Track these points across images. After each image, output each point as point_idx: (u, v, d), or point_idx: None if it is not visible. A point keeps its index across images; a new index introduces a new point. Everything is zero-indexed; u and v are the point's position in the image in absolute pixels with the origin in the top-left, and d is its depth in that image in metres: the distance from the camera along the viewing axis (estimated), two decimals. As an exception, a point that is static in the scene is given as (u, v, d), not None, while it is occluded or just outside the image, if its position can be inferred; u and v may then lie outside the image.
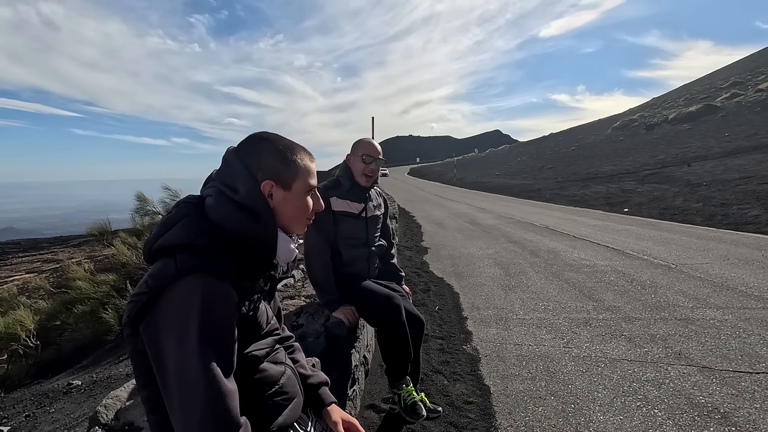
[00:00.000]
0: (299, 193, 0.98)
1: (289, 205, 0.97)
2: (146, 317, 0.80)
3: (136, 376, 0.88)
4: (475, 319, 3.83)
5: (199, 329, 0.77)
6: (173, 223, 0.87)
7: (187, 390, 0.75)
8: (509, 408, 2.36)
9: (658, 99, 53.75)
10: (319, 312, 2.30)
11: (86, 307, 6.36)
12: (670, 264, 5.38)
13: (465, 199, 18.76)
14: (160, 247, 0.85)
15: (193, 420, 0.74)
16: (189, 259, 0.81)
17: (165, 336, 0.77)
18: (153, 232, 0.89)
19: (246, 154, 0.95)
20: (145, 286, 0.81)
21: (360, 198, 2.26)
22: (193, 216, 0.88)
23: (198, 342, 0.76)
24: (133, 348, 0.84)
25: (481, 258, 6.44)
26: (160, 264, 0.83)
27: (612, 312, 3.80)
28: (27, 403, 3.78)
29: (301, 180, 0.98)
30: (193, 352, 0.76)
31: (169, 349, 0.77)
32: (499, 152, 66.82)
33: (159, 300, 0.79)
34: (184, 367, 0.76)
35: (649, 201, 12.37)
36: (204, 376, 0.75)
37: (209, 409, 0.74)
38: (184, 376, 0.75)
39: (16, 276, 14.15)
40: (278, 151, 0.96)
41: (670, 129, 29.97)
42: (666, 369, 2.70)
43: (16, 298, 7.54)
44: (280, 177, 0.95)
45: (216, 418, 0.75)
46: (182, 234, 0.85)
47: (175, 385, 0.76)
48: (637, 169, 19.30)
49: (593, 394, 2.45)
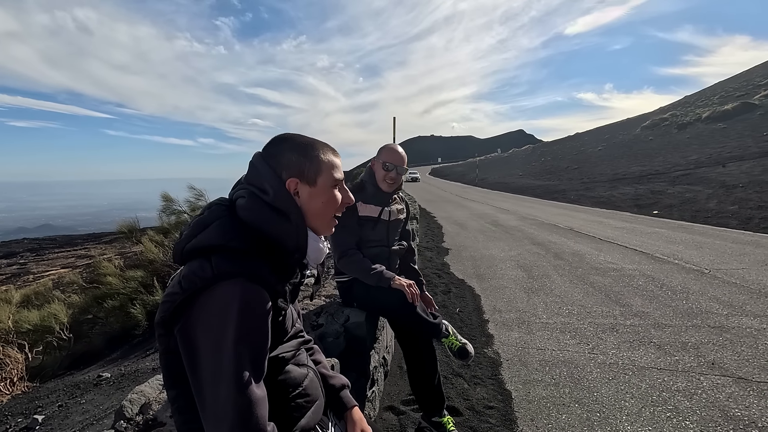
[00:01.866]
0: (325, 187, 0.98)
1: (316, 200, 0.97)
2: (181, 319, 0.80)
3: (166, 376, 0.88)
4: (496, 322, 3.77)
5: (235, 335, 0.77)
6: (207, 224, 0.87)
7: (219, 394, 0.76)
8: (531, 414, 2.31)
9: (690, 97, 51.70)
10: (338, 312, 2.30)
11: (116, 302, 6.58)
12: (703, 269, 5.16)
13: (487, 200, 18.53)
14: (194, 249, 0.85)
15: (223, 425, 0.75)
16: (225, 263, 0.81)
17: (201, 339, 0.78)
18: (184, 233, 0.90)
19: (270, 155, 0.96)
20: (178, 287, 0.81)
21: (382, 202, 2.27)
22: (227, 218, 0.89)
23: (233, 347, 0.77)
24: (166, 348, 0.85)
25: (503, 260, 6.33)
26: (194, 265, 0.83)
27: (640, 318, 3.67)
28: (60, 394, 3.93)
29: (326, 174, 0.98)
30: (227, 357, 0.76)
31: (204, 352, 0.78)
32: (523, 152, 65.70)
33: (195, 302, 0.80)
34: (218, 371, 0.77)
35: (681, 203, 11.91)
36: (237, 382, 0.76)
37: (240, 415, 0.76)
38: (217, 381, 0.76)
39: (52, 271, 14.81)
40: (299, 148, 0.97)
41: (703, 128, 28.80)
42: (698, 379, 2.59)
43: (51, 292, 7.89)
44: (304, 173, 0.96)
45: (246, 426, 0.76)
46: (217, 235, 0.85)
47: (208, 388, 0.77)
48: (668, 170, 18.63)
49: (620, 402, 2.36)
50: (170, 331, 0.83)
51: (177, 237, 0.95)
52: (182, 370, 0.82)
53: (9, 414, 3.70)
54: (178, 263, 0.91)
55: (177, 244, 0.90)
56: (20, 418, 3.51)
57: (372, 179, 2.26)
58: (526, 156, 56.37)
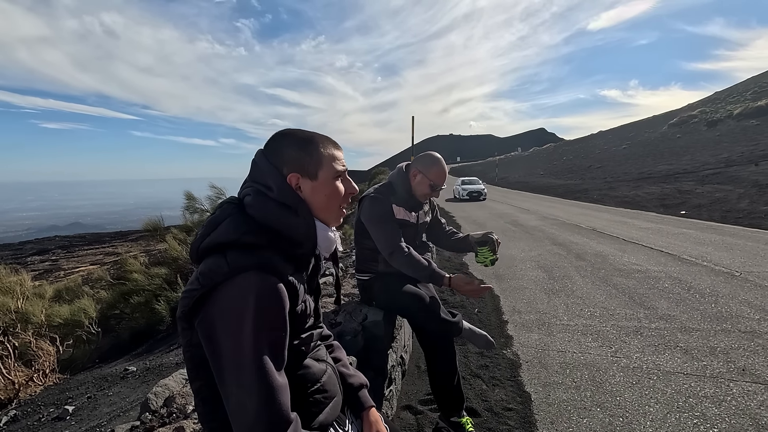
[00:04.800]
0: (327, 180, 0.99)
1: (318, 193, 0.98)
2: (200, 312, 0.83)
3: (189, 368, 0.91)
4: (515, 323, 3.72)
5: (254, 325, 0.79)
6: (219, 222, 0.90)
7: (241, 383, 0.78)
8: (551, 417, 2.27)
9: (721, 93, 49.78)
10: (357, 310, 2.31)
11: (141, 298, 6.79)
12: (734, 271, 4.97)
13: (507, 200, 18.31)
14: (209, 246, 0.88)
15: (247, 413, 0.77)
16: (240, 257, 0.83)
17: (220, 331, 0.80)
18: (199, 232, 0.92)
19: (271, 152, 0.97)
20: (197, 282, 0.83)
21: (414, 208, 2.28)
22: (237, 215, 0.91)
23: (252, 337, 0.79)
24: (188, 341, 0.88)
25: (523, 260, 6.24)
26: (210, 261, 0.85)
27: (666, 321, 3.56)
28: (89, 386, 4.09)
29: (326, 167, 0.99)
30: (247, 346, 0.79)
31: (225, 343, 0.80)
32: (544, 151, 64.53)
33: (212, 296, 0.82)
34: (239, 361, 0.79)
35: (710, 203, 11.49)
36: (258, 371, 0.78)
37: (262, 403, 0.78)
38: (238, 370, 0.78)
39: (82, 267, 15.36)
40: (298, 142, 0.97)
41: (735, 125, 27.70)
42: (728, 385, 2.49)
43: (81, 287, 8.18)
44: (304, 167, 0.96)
45: (269, 412, 0.78)
46: (230, 231, 0.87)
47: (229, 378, 0.79)
48: (697, 169, 18.00)
49: (644, 408, 2.30)
50: (192, 325, 0.85)
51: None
52: (205, 362, 0.84)
53: (42, 404, 3.86)
54: (194, 261, 0.93)
55: (193, 243, 0.93)
56: (52, 408, 3.66)
57: (405, 185, 2.21)
58: (547, 155, 55.36)
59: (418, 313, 2.07)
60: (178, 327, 0.90)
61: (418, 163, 2.21)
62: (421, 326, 2.13)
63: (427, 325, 2.07)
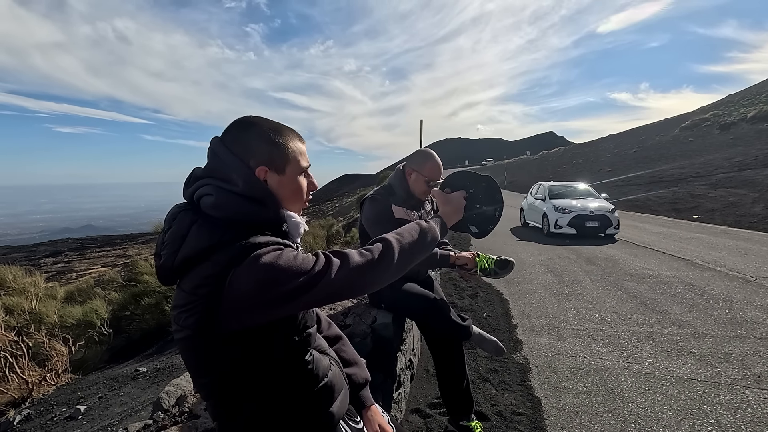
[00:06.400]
0: (293, 175, 0.97)
1: (284, 188, 0.95)
2: (220, 313, 0.80)
3: (195, 365, 0.89)
4: (525, 327, 3.69)
5: (287, 282, 0.80)
6: (184, 234, 0.85)
7: (323, 279, 0.83)
8: (562, 423, 2.24)
9: (734, 96, 49.04)
10: (366, 313, 2.32)
11: (152, 299, 6.85)
12: (749, 276, 4.88)
13: (516, 203, 18.19)
14: (187, 258, 0.83)
15: (355, 276, 0.87)
16: (231, 250, 0.81)
17: (264, 301, 0.80)
18: (163, 251, 0.87)
19: (233, 141, 0.92)
20: (193, 296, 0.81)
21: (414, 207, 2.27)
22: (202, 219, 0.86)
23: (291, 285, 0.81)
24: (205, 355, 0.86)
25: (532, 264, 6.19)
26: (198, 272, 0.82)
27: (679, 327, 3.51)
28: (100, 386, 4.13)
29: (294, 162, 0.96)
30: (294, 288, 0.81)
31: (280, 288, 0.80)
32: (553, 155, 64.09)
33: (227, 291, 0.79)
34: (291, 281, 0.81)
35: (723, 207, 11.31)
36: (317, 273, 0.83)
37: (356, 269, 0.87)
38: (310, 287, 0.82)
39: (94, 269, 15.57)
40: (267, 135, 0.93)
41: (749, 128, 27.27)
42: (743, 392, 2.45)
43: (93, 289, 8.29)
44: (273, 161, 0.93)
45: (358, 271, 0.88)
46: (204, 238, 0.83)
47: (307, 283, 0.82)
48: (710, 173, 17.74)
49: (657, 414, 2.27)
50: (210, 337, 0.83)
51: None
52: (215, 355, 0.84)
53: (54, 403, 3.91)
54: (168, 283, 0.89)
55: (161, 265, 0.87)
56: (64, 407, 3.71)
57: (404, 185, 2.22)
58: (556, 158, 54.97)
59: (428, 315, 2.07)
60: (185, 346, 0.88)
61: (412, 162, 2.20)
62: (430, 329, 2.12)
63: (436, 327, 2.06)
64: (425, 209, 2.36)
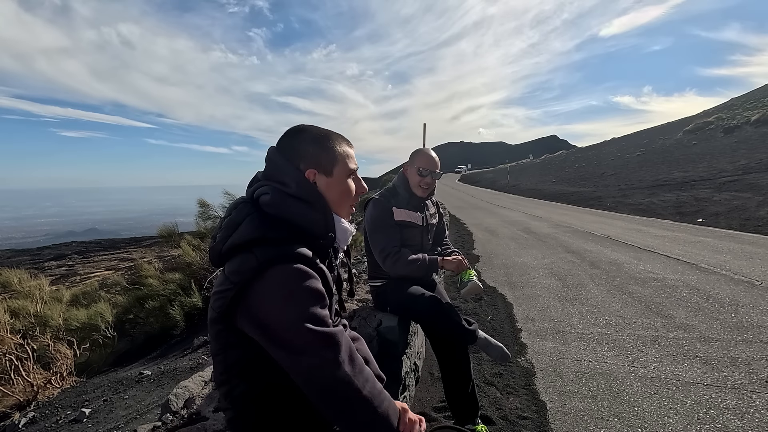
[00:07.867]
0: (341, 177, 1.01)
1: (332, 190, 1.00)
2: (238, 309, 0.86)
3: (220, 372, 0.92)
4: (529, 331, 3.68)
5: (298, 309, 0.83)
6: (238, 223, 0.91)
7: (303, 349, 0.83)
8: (567, 427, 2.24)
9: (738, 99, 48.87)
10: (371, 316, 2.32)
11: (156, 303, 6.87)
12: (754, 280, 4.85)
13: (519, 207, 18.14)
14: (233, 246, 0.89)
15: (323, 363, 0.84)
16: (269, 251, 0.86)
17: (271, 317, 0.84)
18: (218, 235, 0.94)
19: (285, 148, 0.99)
20: (228, 283, 0.86)
21: (417, 207, 2.29)
22: (256, 213, 0.92)
23: (298, 318, 0.83)
24: (225, 344, 0.90)
25: (536, 268, 6.18)
26: (237, 261, 0.87)
27: (684, 331, 3.49)
28: (105, 389, 4.14)
29: (341, 164, 1.01)
30: (297, 326, 0.83)
31: (277, 327, 0.83)
32: (556, 158, 63.98)
33: (250, 292, 0.84)
34: (296, 338, 0.83)
35: (728, 210, 11.26)
36: (310, 332, 0.83)
37: (328, 342, 0.85)
38: (296, 337, 0.83)
39: (98, 272, 15.63)
40: (315, 139, 0.99)
41: (753, 131, 27.16)
42: (750, 397, 2.43)
43: (97, 292, 8.33)
44: (321, 164, 0.99)
45: (337, 355, 0.85)
46: (253, 229, 0.89)
47: (291, 349, 0.83)
48: (714, 176, 17.66)
49: (663, 418, 2.26)
50: (228, 326, 0.87)
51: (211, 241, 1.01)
52: (237, 365, 0.87)
53: (59, 406, 3.92)
54: (215, 265, 0.95)
55: (213, 247, 0.94)
56: (69, 410, 3.72)
57: (405, 184, 2.27)
58: (559, 162, 54.86)
59: (434, 318, 2.07)
60: (210, 331, 0.91)
61: (408, 162, 2.29)
62: (435, 332, 2.13)
63: (441, 331, 2.07)
64: (429, 211, 2.38)
